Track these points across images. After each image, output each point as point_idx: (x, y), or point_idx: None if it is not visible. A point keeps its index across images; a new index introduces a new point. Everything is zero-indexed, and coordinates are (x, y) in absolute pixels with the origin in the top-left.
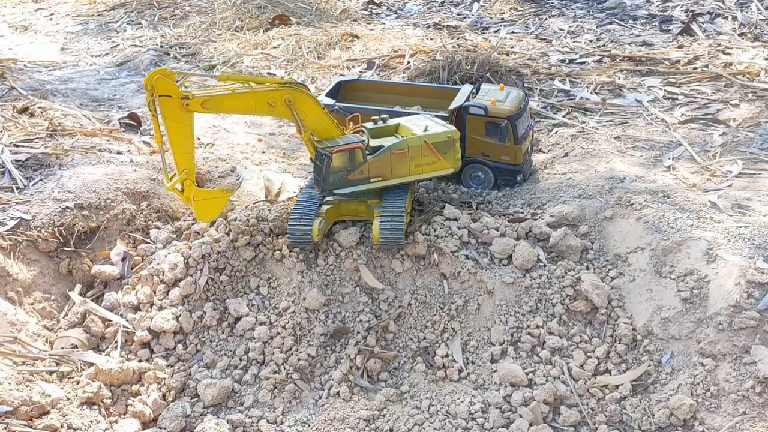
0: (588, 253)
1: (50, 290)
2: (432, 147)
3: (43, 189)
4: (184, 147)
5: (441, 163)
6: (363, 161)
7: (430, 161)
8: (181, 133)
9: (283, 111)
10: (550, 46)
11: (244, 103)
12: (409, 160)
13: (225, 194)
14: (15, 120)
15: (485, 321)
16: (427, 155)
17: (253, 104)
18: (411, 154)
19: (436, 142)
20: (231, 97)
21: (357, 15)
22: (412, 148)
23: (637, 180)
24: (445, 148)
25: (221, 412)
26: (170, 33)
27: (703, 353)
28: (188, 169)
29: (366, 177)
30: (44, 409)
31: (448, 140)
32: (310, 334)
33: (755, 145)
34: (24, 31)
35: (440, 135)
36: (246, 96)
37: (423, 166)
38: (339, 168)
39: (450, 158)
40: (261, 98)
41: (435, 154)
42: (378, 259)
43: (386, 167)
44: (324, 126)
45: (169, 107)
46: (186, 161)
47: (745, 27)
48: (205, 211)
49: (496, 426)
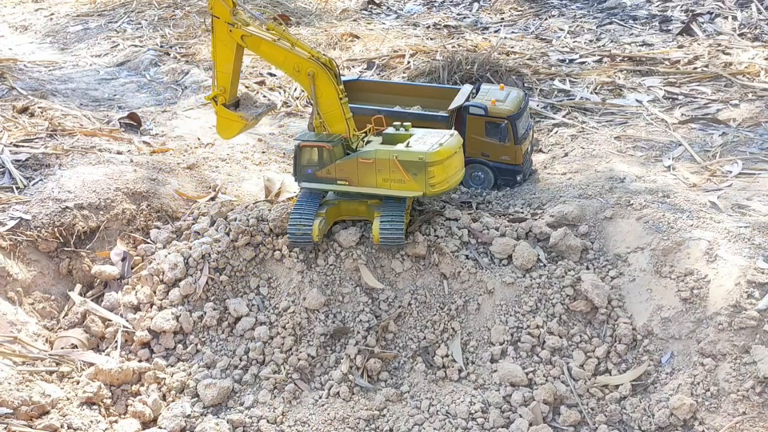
0: (588, 253)
1: (50, 290)
2: (399, 165)
3: (43, 189)
4: (224, 67)
5: (410, 183)
6: (330, 161)
7: (397, 179)
8: (224, 54)
9: (304, 81)
10: (550, 46)
11: (276, 56)
12: (376, 173)
13: (241, 120)
14: (15, 120)
15: (485, 321)
16: (395, 172)
17: (283, 61)
18: (378, 167)
19: (404, 160)
20: (268, 44)
21: (357, 15)
22: (380, 161)
23: (637, 180)
24: (415, 170)
25: (221, 412)
26: (170, 33)
27: (703, 353)
28: (224, 87)
29: (333, 178)
30: (44, 409)
31: (418, 162)
32: (310, 334)
33: (755, 145)
34: (24, 31)
35: (411, 154)
36: (280, 51)
37: (390, 182)
38: (308, 162)
39: (420, 181)
40: (291, 59)
41: (402, 173)
42: (378, 259)
43: (353, 173)
44: (334, 115)
45: (218, 28)
46: (224, 80)
47: (745, 27)
48: (224, 128)
49: (496, 426)
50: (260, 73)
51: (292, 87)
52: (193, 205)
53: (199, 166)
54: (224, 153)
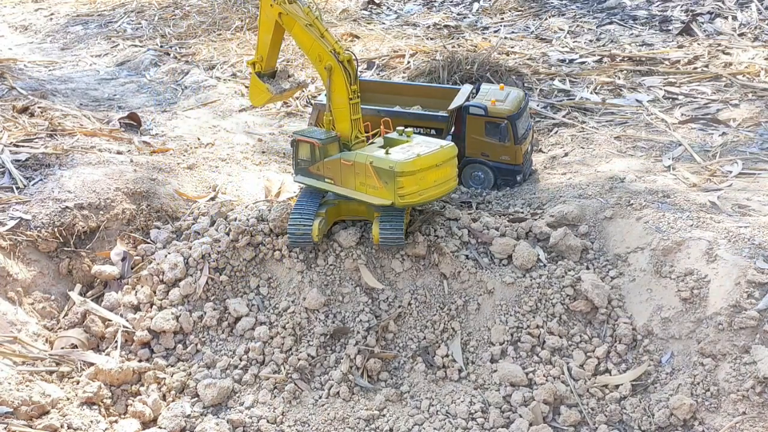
0: (588, 253)
1: (50, 290)
2: (372, 171)
3: (43, 189)
4: (264, 37)
5: (381, 191)
6: (321, 158)
7: (372, 184)
8: (266, 25)
9: (323, 72)
10: (550, 46)
11: (306, 41)
12: (355, 176)
13: (267, 93)
14: (15, 120)
15: (485, 321)
16: (370, 178)
17: (309, 47)
18: (356, 170)
19: (378, 167)
20: (300, 28)
21: (357, 15)
22: (358, 164)
23: (637, 180)
24: (386, 178)
25: (221, 412)
26: (170, 33)
27: (703, 353)
28: (262, 56)
29: (321, 175)
30: (44, 409)
31: (388, 170)
32: (310, 334)
33: (755, 145)
34: (24, 31)
35: (384, 162)
36: (309, 37)
37: (367, 187)
38: (303, 157)
39: (390, 190)
40: (316, 47)
41: (375, 179)
42: (378, 259)
43: (336, 173)
44: (341, 113)
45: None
46: (262, 49)
47: (745, 27)
48: (254, 95)
49: (496, 426)
50: None
51: None
52: (193, 205)
53: (199, 166)
54: (224, 153)
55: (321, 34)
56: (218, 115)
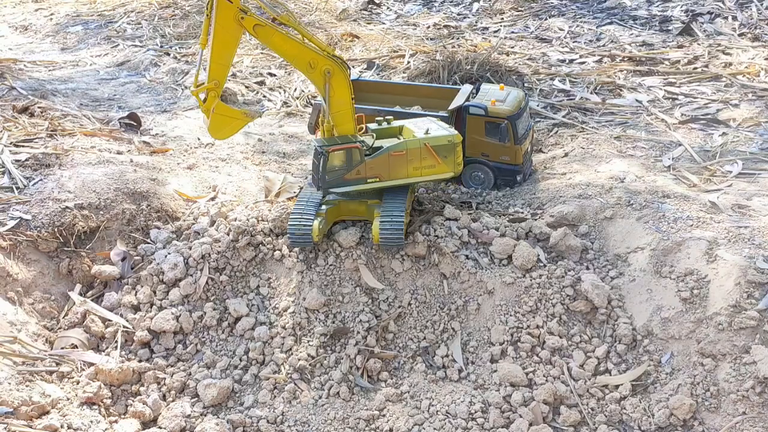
0: (588, 253)
1: (50, 290)
2: (432, 150)
3: (43, 189)
4: (223, 57)
5: (441, 166)
6: (360, 161)
7: (429, 164)
8: (225, 42)
9: (318, 78)
10: (550, 46)
11: (290, 50)
12: (408, 163)
13: (245, 117)
14: (15, 120)
15: (485, 321)
16: (427, 158)
17: (297, 55)
18: (410, 157)
19: (436, 145)
20: (281, 37)
21: (357, 15)
22: (411, 151)
23: (637, 180)
24: (446, 152)
25: (221, 412)
26: (170, 33)
27: (703, 353)
28: (218, 81)
29: (363, 177)
30: (44, 409)
31: (448, 144)
32: (310, 334)
33: (755, 145)
34: (24, 31)
35: (441, 138)
36: (294, 44)
37: (422, 169)
38: (336, 167)
39: (450, 162)
40: (305, 54)
41: (435, 158)
42: (378, 259)
43: (384, 169)
44: (344, 114)
45: (225, 13)
46: (219, 72)
47: (745, 27)
48: (220, 128)
49: (496, 426)
50: (260, 73)
51: (292, 87)
52: (193, 205)
53: (199, 166)
54: (224, 153)
55: (303, 39)
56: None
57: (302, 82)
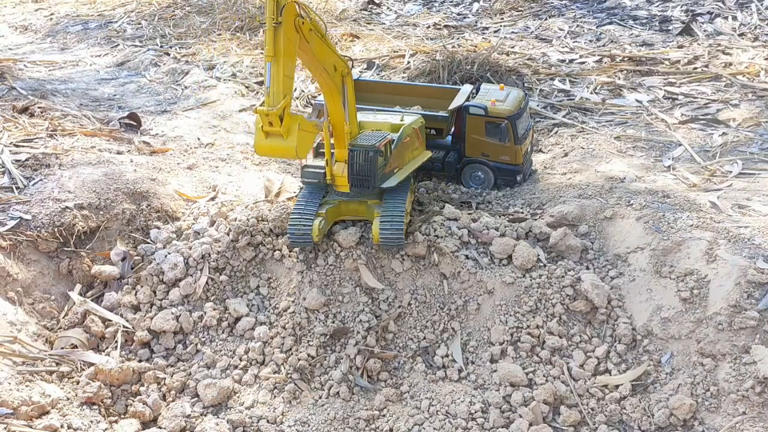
0: (588, 253)
1: (50, 290)
2: (418, 133)
3: (43, 189)
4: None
5: (421, 148)
6: (390, 152)
7: (416, 147)
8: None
9: (337, 81)
10: (550, 46)
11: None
12: (407, 148)
13: (317, 129)
14: (15, 120)
15: (485, 321)
16: (415, 142)
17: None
18: (410, 142)
19: (419, 128)
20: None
21: (357, 15)
22: (411, 136)
23: (637, 180)
24: (422, 134)
25: (221, 412)
26: (170, 33)
27: (703, 353)
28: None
29: (392, 169)
30: (44, 409)
31: (422, 126)
32: (310, 334)
33: (755, 145)
34: (24, 31)
35: (418, 122)
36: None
37: (413, 152)
38: (381, 163)
39: (423, 143)
40: (331, 57)
41: (420, 140)
42: (378, 259)
43: (399, 157)
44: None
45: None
46: (288, 85)
47: (745, 27)
48: (306, 145)
49: (496, 426)
50: (260, 73)
51: None
52: (193, 205)
53: (199, 166)
54: (224, 153)
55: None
56: (218, 115)
57: (302, 82)
